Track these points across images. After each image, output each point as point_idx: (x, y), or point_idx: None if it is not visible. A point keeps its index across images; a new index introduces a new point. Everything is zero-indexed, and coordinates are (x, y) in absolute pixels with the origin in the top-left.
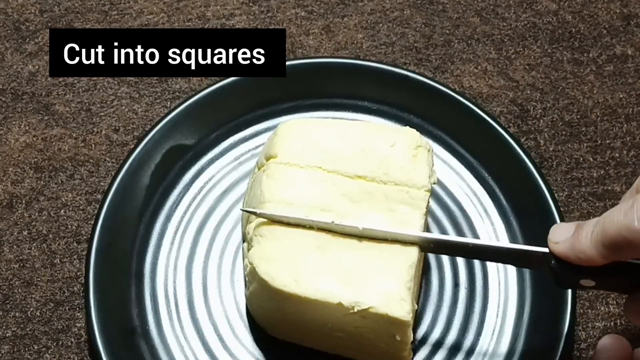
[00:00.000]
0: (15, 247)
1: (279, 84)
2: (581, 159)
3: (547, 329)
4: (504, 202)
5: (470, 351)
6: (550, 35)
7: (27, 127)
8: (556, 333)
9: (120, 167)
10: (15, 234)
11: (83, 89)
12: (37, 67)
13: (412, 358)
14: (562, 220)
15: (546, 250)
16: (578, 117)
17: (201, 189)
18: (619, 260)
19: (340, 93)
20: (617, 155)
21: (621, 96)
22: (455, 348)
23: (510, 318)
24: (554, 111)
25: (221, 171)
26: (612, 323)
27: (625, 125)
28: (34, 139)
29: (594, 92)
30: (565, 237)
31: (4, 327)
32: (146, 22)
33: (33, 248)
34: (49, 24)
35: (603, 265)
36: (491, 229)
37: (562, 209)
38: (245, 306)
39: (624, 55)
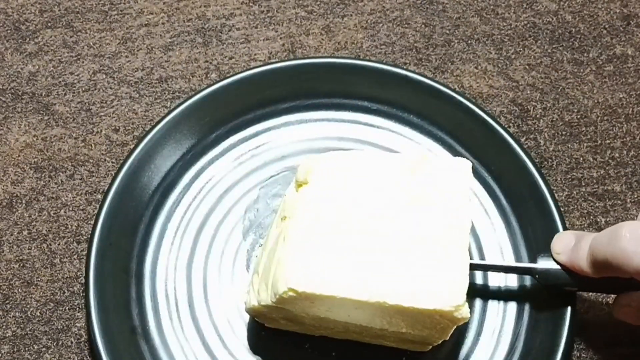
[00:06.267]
0: (15, 247)
1: (279, 83)
2: (581, 159)
3: (547, 329)
4: (504, 202)
5: (470, 352)
6: (550, 35)
7: (27, 127)
8: (556, 333)
9: (120, 167)
10: (15, 234)
11: (83, 89)
12: (37, 67)
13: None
14: (562, 220)
15: (531, 265)
16: (578, 117)
17: (201, 189)
18: (611, 276)
19: (340, 93)
20: (617, 155)
21: (621, 96)
22: (456, 348)
23: (510, 318)
24: (554, 111)
25: (221, 171)
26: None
27: (625, 125)
28: (34, 139)
29: (594, 92)
30: (565, 248)
31: (4, 327)
32: (146, 22)
33: (33, 248)
34: (49, 24)
35: (589, 278)
36: (491, 229)
37: (562, 209)
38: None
39: (624, 55)
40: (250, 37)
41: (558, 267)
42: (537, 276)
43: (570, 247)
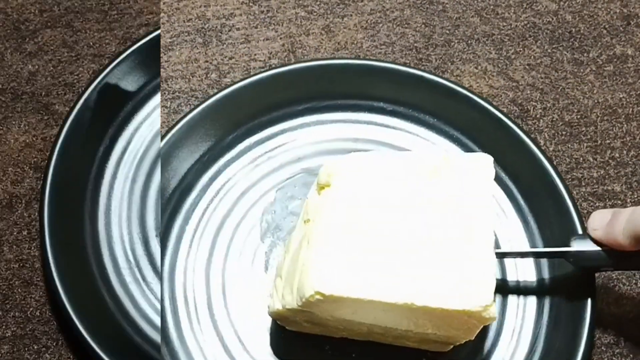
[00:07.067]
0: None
1: (294, 85)
2: (581, 159)
3: (566, 328)
4: (522, 202)
5: (490, 352)
6: (550, 35)
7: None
8: (576, 333)
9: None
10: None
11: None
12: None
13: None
14: (580, 220)
15: (564, 248)
16: (578, 117)
17: (218, 192)
18: None
19: (356, 94)
20: (617, 155)
21: (621, 96)
22: (476, 348)
23: (530, 318)
24: (554, 111)
25: (238, 173)
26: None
27: (625, 125)
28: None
29: (594, 92)
30: (602, 224)
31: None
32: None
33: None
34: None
35: (625, 252)
36: (509, 229)
37: None
38: (265, 308)
39: (624, 55)
40: (250, 37)
41: (592, 248)
42: (571, 259)
43: (607, 222)
